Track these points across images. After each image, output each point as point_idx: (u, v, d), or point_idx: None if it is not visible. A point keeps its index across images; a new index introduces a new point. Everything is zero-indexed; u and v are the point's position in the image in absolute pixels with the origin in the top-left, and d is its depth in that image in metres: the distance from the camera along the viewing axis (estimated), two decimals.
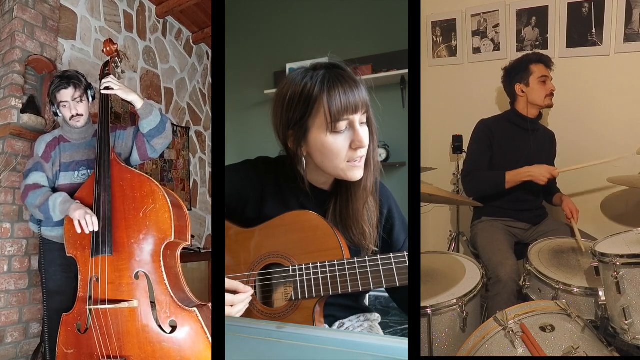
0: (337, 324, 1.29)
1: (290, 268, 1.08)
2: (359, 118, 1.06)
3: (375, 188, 1.18)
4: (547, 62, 2.11)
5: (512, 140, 2.14)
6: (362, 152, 1.08)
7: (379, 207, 1.20)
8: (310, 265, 1.06)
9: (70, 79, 1.91)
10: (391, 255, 1.04)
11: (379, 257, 1.04)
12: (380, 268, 1.03)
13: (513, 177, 2.03)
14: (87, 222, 1.63)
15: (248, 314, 1.10)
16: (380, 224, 1.22)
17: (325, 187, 1.21)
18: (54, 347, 1.71)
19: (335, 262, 1.05)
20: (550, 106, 2.15)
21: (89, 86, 1.98)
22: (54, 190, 1.89)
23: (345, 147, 1.06)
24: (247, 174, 1.21)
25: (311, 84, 1.05)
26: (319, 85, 1.04)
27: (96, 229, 1.64)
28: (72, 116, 1.92)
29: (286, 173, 1.19)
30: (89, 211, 1.66)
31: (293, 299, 1.08)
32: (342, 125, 1.04)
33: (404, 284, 1.03)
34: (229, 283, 1.07)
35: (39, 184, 1.85)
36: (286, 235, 1.11)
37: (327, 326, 1.25)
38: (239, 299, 1.04)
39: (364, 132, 1.08)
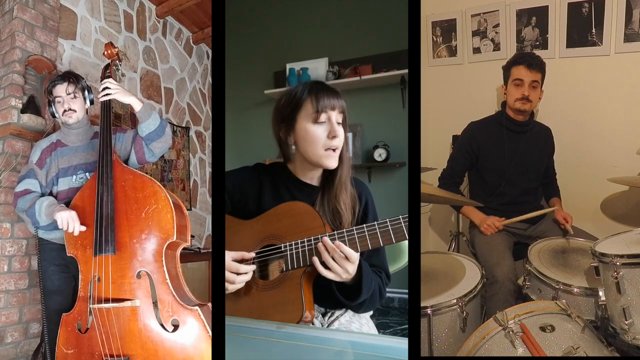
0: (328, 314, 1.35)
1: (282, 245, 1.25)
2: (335, 116, 1.30)
3: (350, 180, 1.37)
4: (530, 64, 2.02)
5: (499, 142, 2.13)
6: (336, 143, 1.29)
7: (356, 197, 1.38)
8: (298, 241, 1.23)
9: (66, 75, 1.95)
10: (364, 225, 1.18)
11: (353, 228, 1.19)
12: (356, 236, 1.17)
13: (465, 210, 2.15)
14: (70, 226, 1.67)
15: (247, 288, 1.24)
16: (359, 210, 1.38)
17: (313, 182, 1.39)
18: (54, 348, 1.71)
19: (319, 236, 1.20)
20: (521, 110, 2.06)
21: (86, 87, 1.99)
22: (50, 196, 1.89)
23: (324, 136, 1.29)
24: (247, 175, 1.43)
25: (301, 89, 1.34)
26: (307, 90, 1.33)
27: (76, 234, 1.67)
28: (65, 110, 1.91)
29: (280, 173, 1.41)
30: (74, 216, 1.68)
31: (284, 270, 1.23)
32: (323, 117, 1.29)
33: (376, 247, 1.16)
34: (235, 253, 1.25)
35: (28, 190, 1.86)
36: (280, 221, 1.29)
37: (320, 317, 1.33)
38: (244, 269, 1.21)
39: (339, 127, 1.31)
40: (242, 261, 1.25)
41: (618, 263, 1.37)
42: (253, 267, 1.25)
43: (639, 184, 1.88)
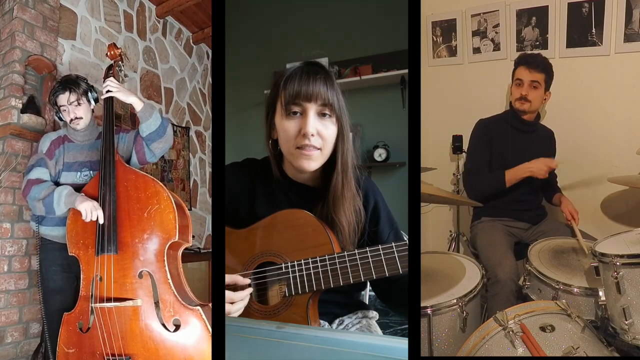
0: (337, 321, 1.30)
1: (283, 265, 1.10)
2: (314, 108, 1.09)
3: (352, 190, 1.19)
4: (529, 63, 2.06)
5: (509, 140, 2.14)
6: (313, 142, 1.09)
7: (362, 204, 1.22)
8: (302, 262, 1.08)
9: (67, 83, 1.93)
10: (380, 247, 1.04)
11: (367, 249, 1.05)
12: (370, 260, 1.04)
13: (512, 174, 2.02)
14: (93, 214, 1.66)
15: (245, 312, 1.11)
16: (367, 220, 1.23)
17: (309, 182, 1.23)
18: (55, 347, 1.71)
19: (326, 257, 1.07)
20: (520, 111, 2.10)
21: (89, 89, 1.98)
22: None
23: (294, 132, 1.09)
24: (236, 176, 1.25)
25: (287, 72, 1.14)
26: (286, 74, 1.12)
27: (101, 222, 1.66)
28: (72, 119, 1.93)
29: (273, 172, 1.22)
30: (96, 204, 1.68)
31: (287, 295, 1.10)
32: (295, 108, 1.08)
33: (394, 274, 1.04)
34: (228, 277, 1.09)
35: (41, 179, 1.85)
36: (278, 233, 1.13)
37: (326, 323, 1.26)
38: (238, 297, 1.06)
39: (317, 123, 1.09)
40: (235, 287, 1.08)
41: (618, 263, 1.37)
42: (249, 290, 1.09)
43: (639, 184, 1.88)
